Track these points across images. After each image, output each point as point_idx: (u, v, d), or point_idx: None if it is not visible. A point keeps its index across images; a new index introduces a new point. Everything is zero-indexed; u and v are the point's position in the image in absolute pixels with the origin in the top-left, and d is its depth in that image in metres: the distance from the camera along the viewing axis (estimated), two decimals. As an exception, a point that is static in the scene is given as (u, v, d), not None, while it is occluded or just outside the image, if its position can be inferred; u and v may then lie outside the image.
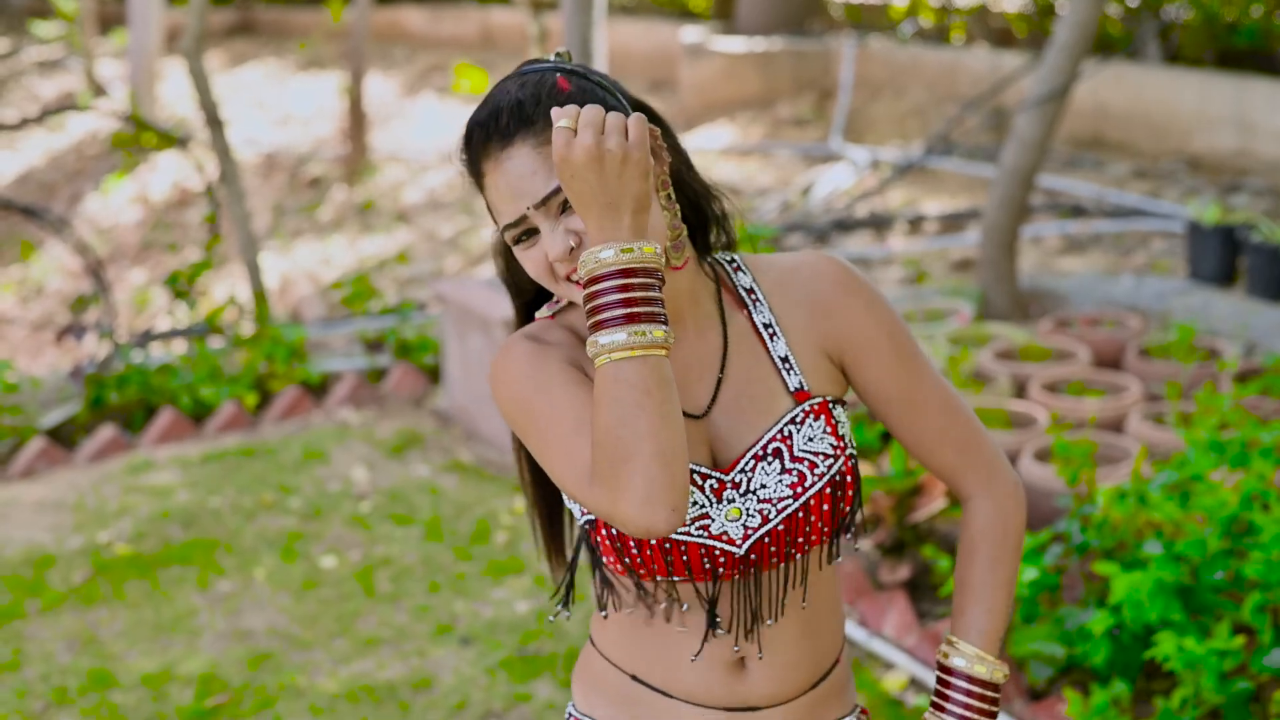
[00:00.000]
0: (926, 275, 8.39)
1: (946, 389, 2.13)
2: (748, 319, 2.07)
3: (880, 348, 2.08)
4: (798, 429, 2.03)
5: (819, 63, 13.18)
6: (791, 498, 2.01)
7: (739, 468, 2.02)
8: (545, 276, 1.97)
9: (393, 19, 17.96)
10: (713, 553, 2.01)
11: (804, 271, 2.09)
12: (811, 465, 2.02)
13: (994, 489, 2.15)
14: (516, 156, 1.93)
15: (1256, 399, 5.32)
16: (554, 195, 1.91)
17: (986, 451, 2.15)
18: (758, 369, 2.05)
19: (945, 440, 2.13)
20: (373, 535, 5.76)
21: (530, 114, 1.93)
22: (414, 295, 10.20)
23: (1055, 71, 6.93)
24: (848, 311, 2.07)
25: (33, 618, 5.24)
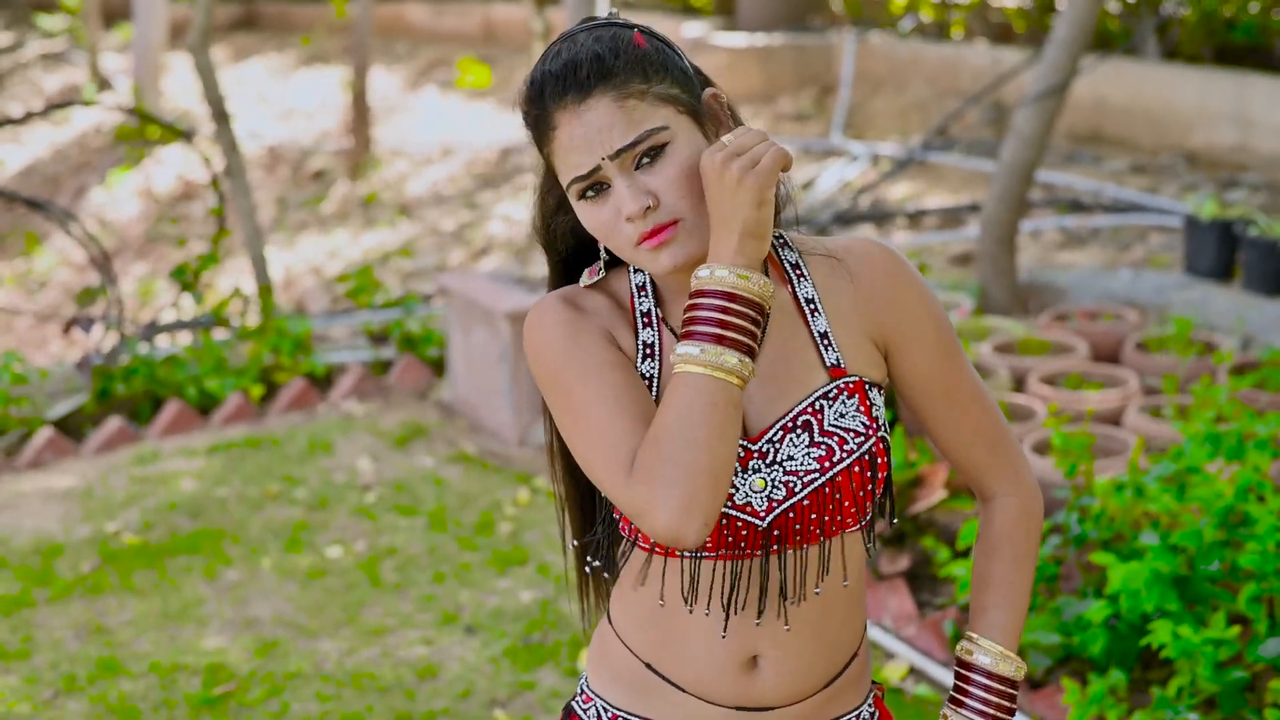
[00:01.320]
0: (926, 269, 8.43)
1: (982, 388, 2.13)
2: (791, 293, 2.05)
3: (927, 339, 2.06)
4: (830, 404, 2.00)
5: (820, 58, 13.22)
6: (819, 471, 1.99)
7: (767, 437, 1.99)
8: (610, 233, 1.95)
9: (396, 13, 18.00)
10: (735, 524, 1.98)
11: (855, 254, 2.07)
12: (841, 441, 1.99)
13: (1019, 489, 2.15)
14: (596, 108, 1.90)
15: (1252, 392, 5.36)
16: (630, 147, 1.90)
17: (1014, 452, 2.15)
18: (795, 342, 2.03)
19: (978, 438, 2.12)
20: (378, 526, 5.81)
21: (610, 66, 1.91)
22: (417, 288, 10.25)
23: (1054, 67, 6.98)
24: (898, 300, 2.05)
25: (41, 606, 5.29)
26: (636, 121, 1.90)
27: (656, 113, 1.92)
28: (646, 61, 1.93)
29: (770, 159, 1.87)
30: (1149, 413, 5.47)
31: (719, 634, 2.02)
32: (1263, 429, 4.35)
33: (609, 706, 2.12)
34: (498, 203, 12.30)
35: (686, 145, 1.94)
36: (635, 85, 1.91)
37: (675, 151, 1.93)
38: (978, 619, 2.14)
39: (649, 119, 1.91)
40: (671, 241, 1.93)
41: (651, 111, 1.92)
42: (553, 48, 1.97)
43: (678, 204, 1.92)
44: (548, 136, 1.95)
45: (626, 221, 1.92)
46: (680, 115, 1.94)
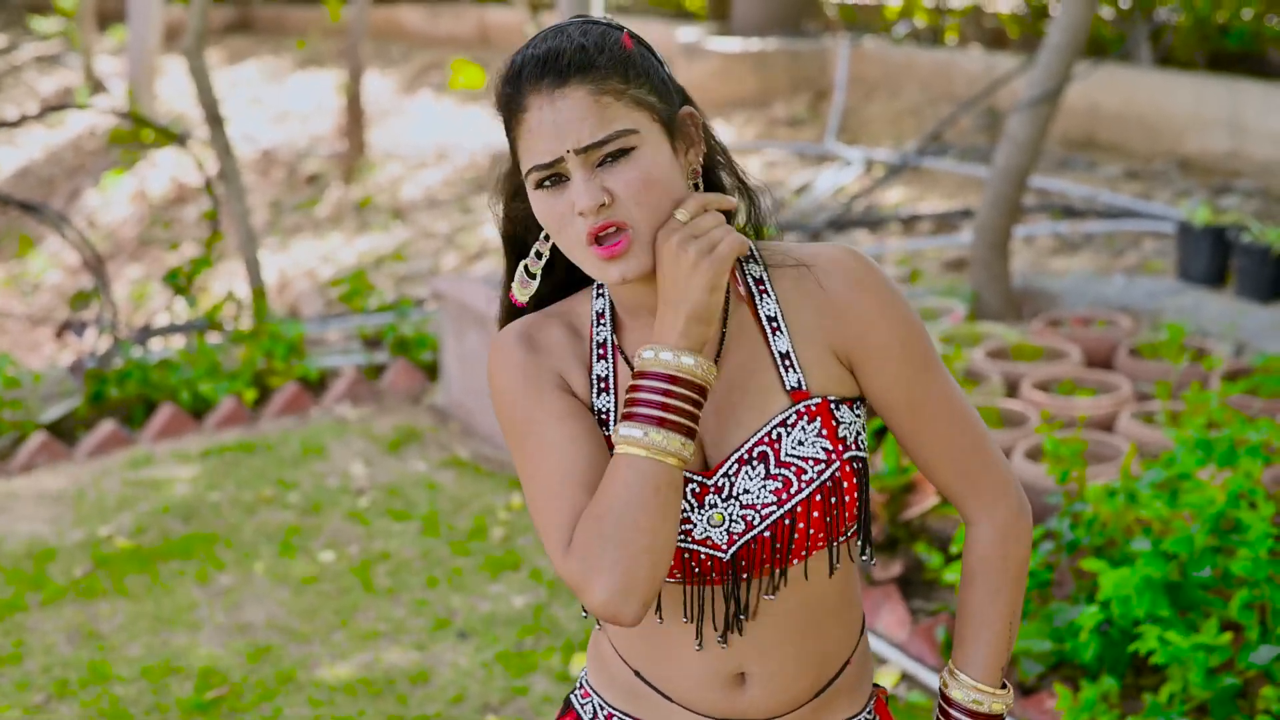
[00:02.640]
0: (920, 274, 8.44)
1: (958, 405, 2.03)
2: (751, 311, 2.00)
3: (889, 353, 1.99)
4: (788, 431, 1.96)
5: (814, 63, 13.23)
6: (776, 504, 1.95)
7: (722, 471, 1.97)
8: (561, 228, 1.92)
9: (390, 17, 18.01)
10: (698, 557, 1.97)
11: (820, 263, 2.00)
12: (799, 471, 1.95)
13: (996, 515, 2.06)
14: (571, 97, 1.87)
15: (1245, 398, 5.37)
16: (598, 146, 1.87)
17: (994, 475, 2.06)
18: (755, 363, 1.98)
19: (949, 458, 2.04)
20: (371, 530, 5.81)
21: (593, 59, 1.88)
22: (411, 292, 10.25)
23: (1048, 73, 6.98)
24: (859, 310, 1.98)
25: (34, 610, 5.29)
26: (608, 120, 1.87)
27: (630, 115, 1.89)
28: (629, 63, 1.91)
29: (728, 246, 1.86)
30: (1141, 419, 5.47)
31: (702, 652, 2.02)
32: (1255, 435, 4.36)
33: (605, 704, 2.13)
34: (491, 207, 12.28)
35: (653, 154, 1.90)
36: (614, 83, 1.88)
37: (640, 157, 1.89)
38: (957, 651, 2.13)
39: (621, 119, 1.88)
40: (624, 255, 1.89)
41: (625, 113, 1.89)
42: (540, 34, 1.94)
43: (632, 210, 1.89)
44: (517, 118, 1.91)
45: (579, 215, 1.89)
46: (653, 124, 1.92)
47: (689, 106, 1.99)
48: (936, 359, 2.03)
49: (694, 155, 1.98)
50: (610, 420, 1.99)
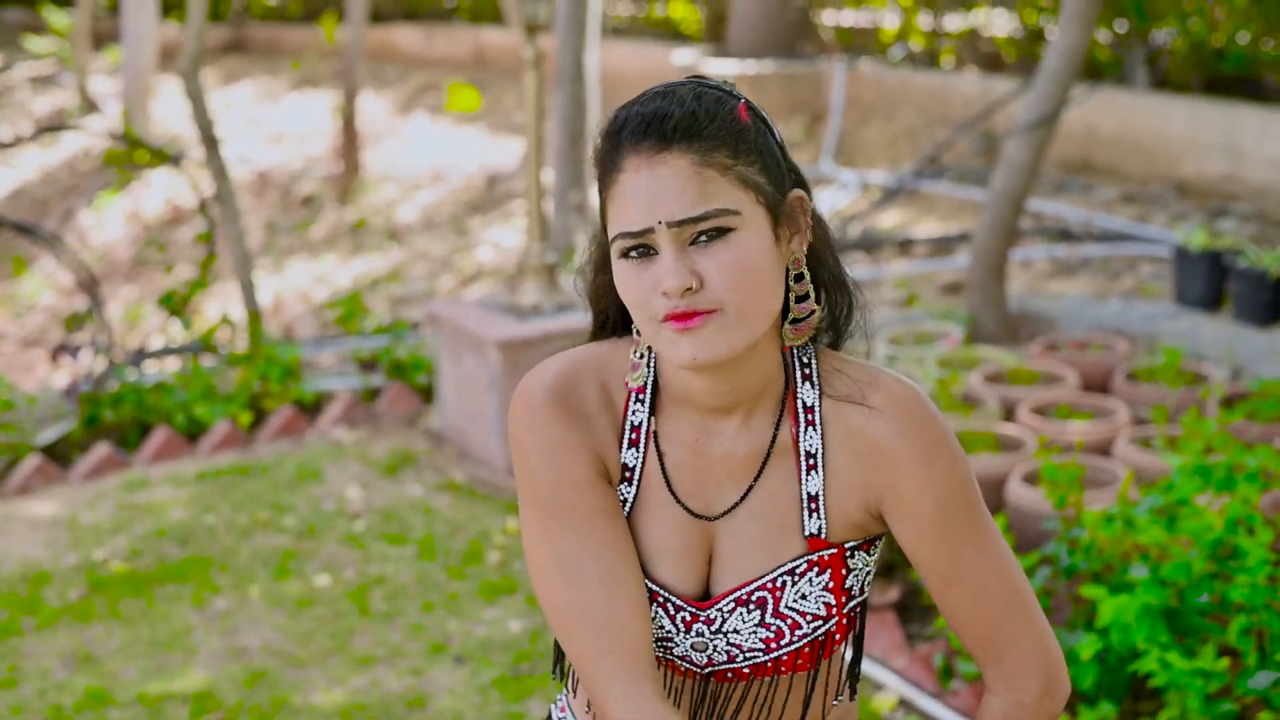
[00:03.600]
0: (916, 298, 8.45)
1: (993, 569, 1.87)
2: (793, 439, 1.87)
3: (920, 510, 1.84)
4: (793, 581, 1.86)
5: (810, 85, 13.25)
6: (763, 651, 1.88)
7: (717, 606, 1.87)
8: (638, 304, 1.77)
9: (386, 38, 18.04)
10: (673, 665, 1.92)
11: (874, 401, 1.84)
12: (794, 625, 1.86)
13: (1013, 690, 1.90)
14: (672, 165, 1.73)
15: (1242, 423, 5.37)
16: (694, 222, 1.73)
17: (1021, 648, 1.88)
18: (783, 496, 1.87)
19: (972, 623, 1.89)
20: (367, 554, 5.80)
21: (702, 127, 1.74)
22: (406, 314, 10.24)
23: (1044, 98, 7.00)
24: (899, 461, 1.83)
25: (29, 635, 5.27)
26: (709, 195, 1.73)
27: (733, 193, 1.74)
28: (741, 136, 1.76)
29: None
30: (1139, 443, 5.47)
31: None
32: (1252, 461, 4.36)
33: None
34: (487, 229, 12.31)
35: (753, 238, 1.75)
36: (720, 156, 1.74)
37: (739, 241, 1.74)
38: None
39: (723, 197, 1.74)
40: (701, 330, 1.74)
41: (728, 190, 1.74)
42: (650, 92, 1.80)
43: (723, 294, 1.74)
44: (611, 178, 1.77)
45: (661, 296, 1.74)
46: (757, 206, 1.77)
47: (800, 190, 1.84)
48: (978, 517, 1.87)
49: (798, 244, 1.83)
50: (627, 508, 1.88)
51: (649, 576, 1.88)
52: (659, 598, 1.87)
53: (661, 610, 1.88)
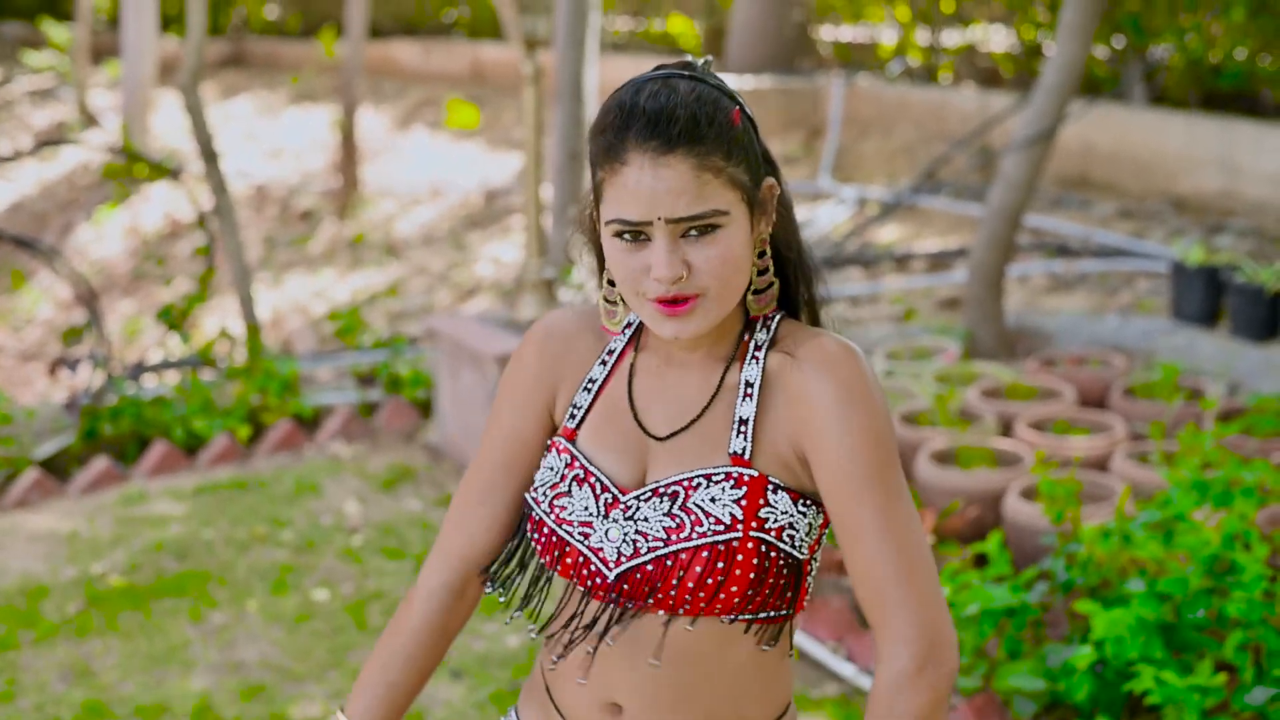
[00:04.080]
0: (914, 313, 8.46)
1: (894, 530, 1.95)
2: (739, 374, 2.04)
3: (835, 455, 1.96)
4: (707, 485, 1.98)
5: (808, 101, 13.28)
6: (664, 541, 1.97)
7: (636, 494, 2.02)
8: (627, 280, 1.97)
9: (385, 53, 18.07)
10: (589, 565, 2.02)
11: (809, 350, 2.01)
12: (696, 521, 1.96)
13: (897, 655, 1.93)
14: (674, 168, 1.90)
15: (1239, 438, 5.38)
16: (690, 220, 1.91)
17: (906, 615, 1.93)
18: (718, 421, 2.02)
19: (866, 583, 1.96)
20: (365, 569, 5.80)
21: (703, 133, 1.91)
22: (405, 329, 10.25)
23: (1042, 113, 7.02)
24: (820, 404, 1.97)
25: (27, 648, 5.27)
26: (705, 197, 1.91)
27: (724, 194, 1.93)
28: (734, 140, 1.94)
29: None
30: (1136, 459, 5.48)
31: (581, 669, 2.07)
32: (1249, 476, 4.37)
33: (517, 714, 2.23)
34: (485, 244, 12.32)
35: (737, 234, 1.95)
36: (716, 160, 1.92)
37: (725, 237, 1.94)
38: None
39: (717, 198, 1.92)
40: (687, 315, 1.96)
41: (721, 191, 1.92)
42: (650, 83, 1.96)
43: (708, 281, 1.94)
44: (613, 166, 1.94)
45: (653, 280, 1.94)
46: (741, 203, 1.96)
47: (771, 178, 2.03)
48: (889, 479, 1.96)
49: (765, 226, 2.03)
50: (579, 416, 2.11)
51: (591, 463, 2.07)
52: (591, 477, 2.05)
53: (590, 491, 2.05)
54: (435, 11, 18.75)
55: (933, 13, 13.34)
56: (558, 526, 2.04)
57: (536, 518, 2.08)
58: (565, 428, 2.10)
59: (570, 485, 2.06)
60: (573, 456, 2.07)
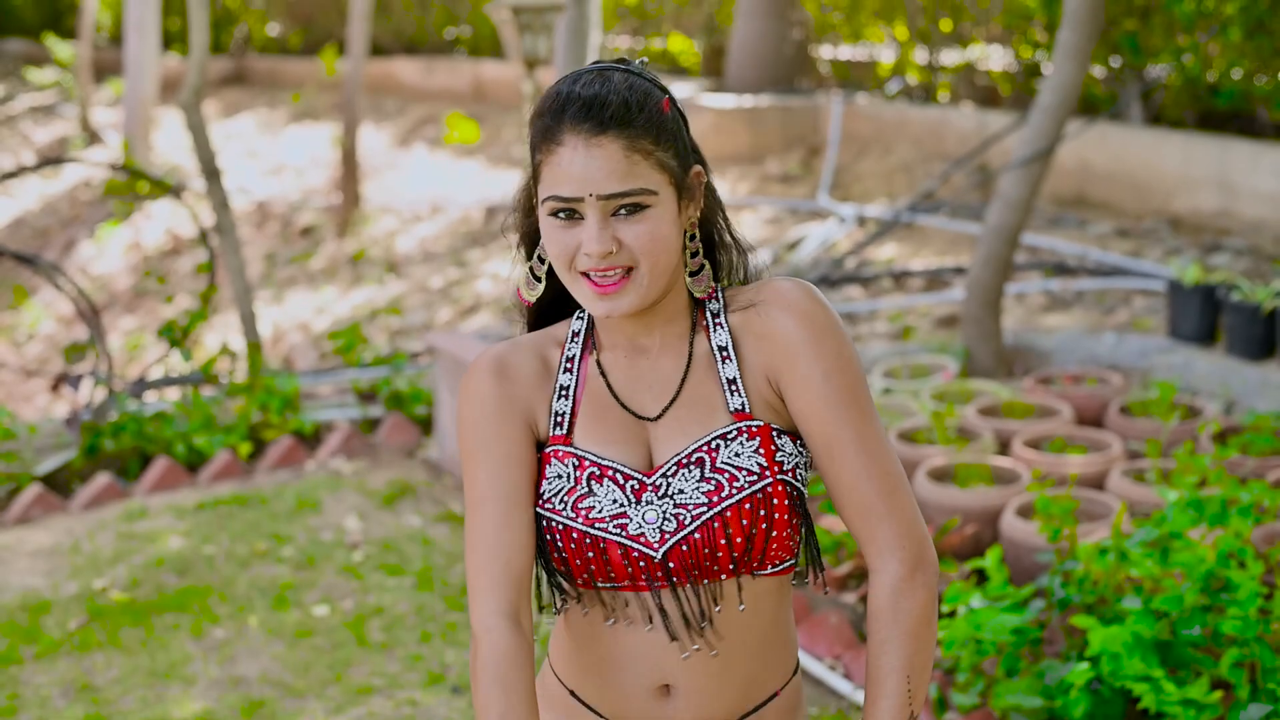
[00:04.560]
0: (912, 331, 8.49)
1: (874, 447, 2.10)
2: (707, 342, 2.16)
3: (810, 381, 2.10)
4: (726, 444, 2.09)
5: (807, 119, 13.32)
6: (707, 506, 2.06)
7: (661, 471, 2.10)
8: (560, 256, 2.08)
9: (386, 71, 18.11)
10: (630, 554, 2.08)
11: (765, 294, 2.15)
12: (732, 478, 2.07)
13: (890, 562, 2.10)
14: (606, 147, 2.03)
15: (1236, 458, 5.41)
16: (619, 196, 2.03)
17: (894, 524, 2.09)
18: (706, 387, 2.13)
19: (852, 498, 2.10)
20: (365, 585, 5.83)
21: (633, 117, 2.05)
22: (405, 345, 10.28)
23: (1039, 133, 7.05)
24: (788, 335, 2.11)
25: (28, 663, 5.29)
26: (634, 175, 2.03)
27: (652, 175, 2.05)
28: (663, 126, 2.08)
29: None
30: (1132, 477, 5.51)
31: (631, 661, 2.13)
32: (1245, 495, 4.40)
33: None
34: (486, 261, 12.36)
35: (664, 214, 2.07)
36: (645, 143, 2.05)
37: (652, 215, 2.06)
38: (865, 710, 2.13)
39: (645, 178, 2.05)
40: (615, 295, 2.07)
41: (649, 173, 2.05)
42: (586, 74, 2.09)
43: (637, 256, 2.06)
44: (549, 148, 2.06)
45: (584, 255, 2.05)
46: (669, 185, 2.08)
47: (698, 166, 2.16)
48: (863, 400, 2.11)
49: (693, 210, 2.15)
50: (565, 423, 2.16)
51: (600, 457, 2.13)
52: (609, 471, 2.12)
53: (613, 484, 2.11)
54: (436, 30, 18.80)
55: (931, 32, 13.39)
56: (589, 528, 2.09)
57: (560, 527, 2.11)
58: (556, 435, 2.16)
59: (589, 485, 2.11)
60: (580, 458, 2.13)
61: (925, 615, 2.09)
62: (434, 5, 18.61)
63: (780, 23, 14.12)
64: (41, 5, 23.63)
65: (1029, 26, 12.09)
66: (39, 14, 23.59)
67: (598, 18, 7.83)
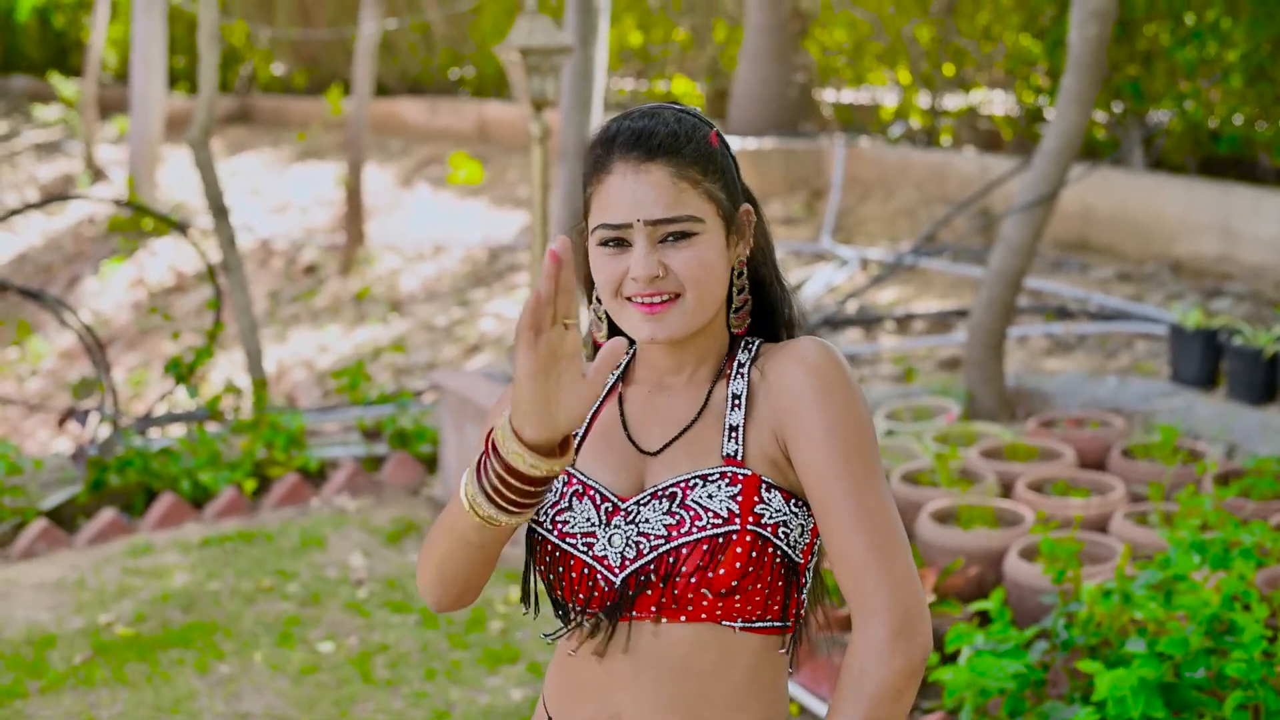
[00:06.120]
0: (914, 373, 8.52)
1: (871, 507, 2.03)
2: (726, 389, 2.17)
3: (811, 436, 2.05)
4: (704, 484, 2.07)
5: (810, 162, 13.39)
6: (665, 539, 2.05)
7: (635, 499, 2.11)
8: (608, 284, 2.11)
9: (390, 110, 18.19)
10: (594, 574, 2.09)
11: (788, 351, 2.13)
12: (695, 516, 2.04)
13: (871, 624, 2.00)
14: (654, 174, 2.08)
15: (1237, 500, 5.43)
16: (666, 223, 2.07)
17: (881, 588, 2.01)
18: (710, 431, 2.13)
19: (843, 556, 2.03)
20: (370, 622, 5.84)
21: (681, 146, 2.09)
22: (409, 384, 10.30)
23: (1043, 178, 7.09)
24: (795, 389, 2.08)
25: (34, 698, 5.31)
26: (681, 203, 2.07)
27: (699, 204, 2.09)
28: (710, 158, 2.12)
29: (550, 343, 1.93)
30: (1135, 519, 5.53)
31: (588, 685, 2.13)
32: (1248, 537, 4.42)
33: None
34: (489, 300, 12.40)
35: (712, 244, 2.10)
36: (693, 172, 2.09)
37: (700, 243, 2.09)
38: None
39: (691, 206, 2.08)
40: (663, 315, 2.09)
41: (697, 201, 2.09)
42: (636, 110, 2.15)
43: (684, 283, 2.09)
44: (599, 178, 2.12)
45: (631, 280, 2.08)
46: (717, 217, 2.11)
47: (748, 204, 2.20)
48: (866, 459, 2.05)
49: (742, 248, 2.18)
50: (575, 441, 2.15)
51: (587, 477, 2.16)
52: (590, 490, 2.14)
53: (590, 502, 2.13)
54: (441, 70, 18.89)
55: (934, 76, 13.46)
56: (561, 541, 2.12)
57: (539, 538, 2.15)
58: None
59: (570, 500, 2.14)
60: (570, 474, 2.16)
61: (894, 688, 1.98)
62: (439, 46, 18.70)
63: (784, 66, 14.20)
64: (47, 42, 23.75)
65: (1031, 71, 12.16)
66: (44, 51, 23.72)
67: (603, 60, 7.89)
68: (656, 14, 16.24)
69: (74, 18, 23.16)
